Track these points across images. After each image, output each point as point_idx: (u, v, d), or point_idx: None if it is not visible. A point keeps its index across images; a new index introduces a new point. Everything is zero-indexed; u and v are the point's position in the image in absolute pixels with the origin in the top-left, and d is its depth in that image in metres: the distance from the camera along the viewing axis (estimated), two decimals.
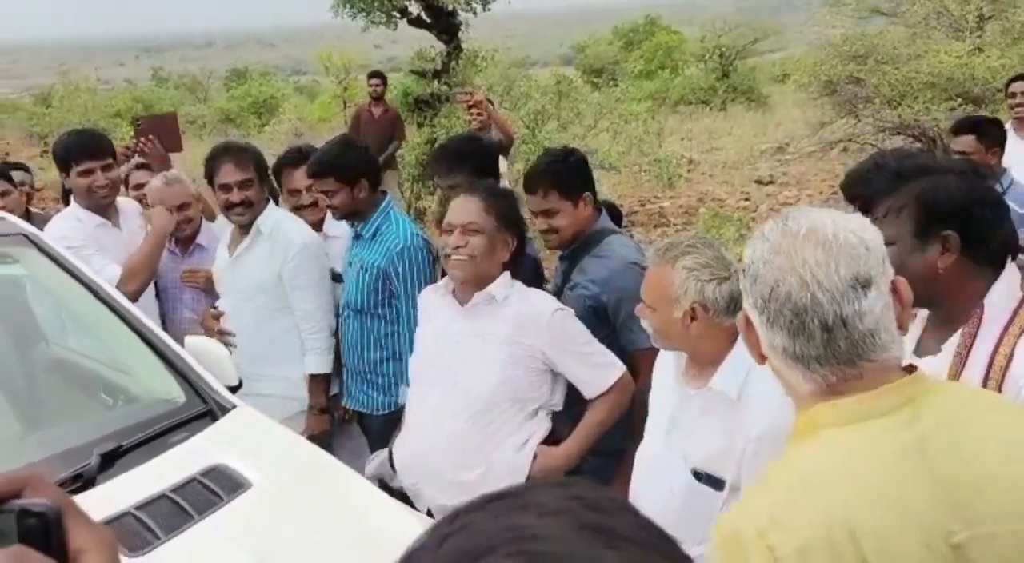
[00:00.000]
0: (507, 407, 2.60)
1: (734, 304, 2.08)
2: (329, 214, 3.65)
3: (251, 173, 3.44)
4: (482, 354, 2.60)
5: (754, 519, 1.16)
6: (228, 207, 3.43)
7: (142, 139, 4.13)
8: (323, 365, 3.48)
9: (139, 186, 4.52)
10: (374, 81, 10.07)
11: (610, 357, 2.65)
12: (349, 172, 3.31)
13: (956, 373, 1.77)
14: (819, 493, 1.16)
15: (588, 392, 2.65)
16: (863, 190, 2.45)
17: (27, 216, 4.05)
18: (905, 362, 1.29)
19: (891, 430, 1.19)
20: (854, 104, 11.05)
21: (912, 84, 10.00)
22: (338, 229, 3.64)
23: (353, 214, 3.35)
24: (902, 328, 1.26)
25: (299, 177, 3.66)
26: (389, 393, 3.36)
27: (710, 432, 2.14)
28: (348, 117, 12.10)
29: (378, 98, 9.99)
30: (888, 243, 1.73)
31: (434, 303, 2.79)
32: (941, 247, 1.75)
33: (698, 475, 2.15)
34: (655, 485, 2.29)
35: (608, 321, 2.91)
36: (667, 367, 2.36)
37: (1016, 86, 5.35)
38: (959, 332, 1.80)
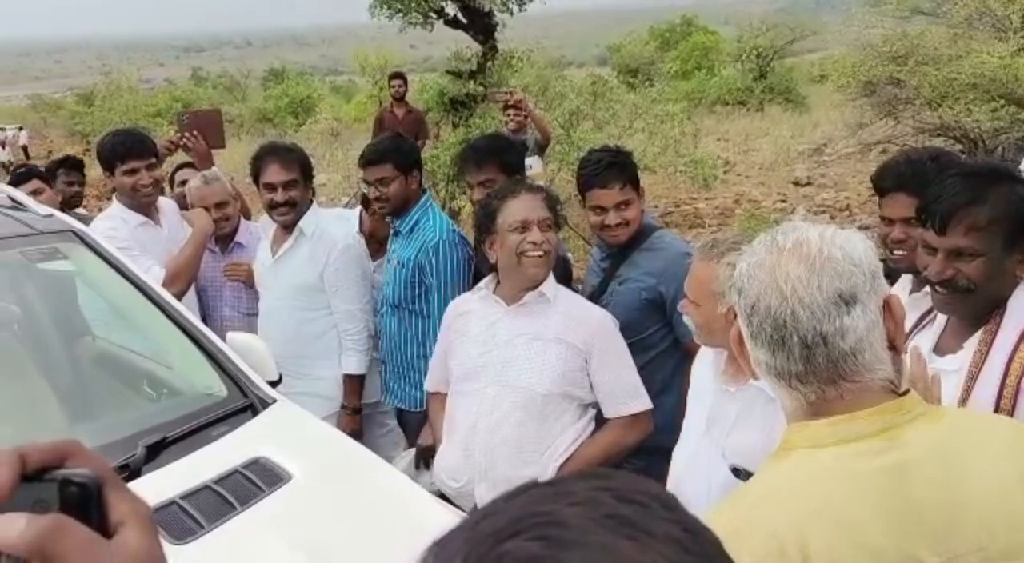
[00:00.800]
0: (561, 403, 2.62)
1: None
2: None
3: (296, 174, 3.47)
4: (536, 352, 2.62)
5: (718, 527, 1.16)
6: (272, 207, 3.46)
7: (186, 134, 4.19)
8: (360, 366, 3.52)
9: (184, 182, 4.61)
10: (396, 82, 10.13)
11: (643, 389, 2.67)
12: (406, 160, 3.36)
13: (976, 370, 1.79)
14: (777, 510, 1.17)
15: (610, 409, 2.66)
16: (890, 182, 2.48)
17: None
18: (904, 383, 1.26)
19: (862, 455, 1.17)
20: (894, 105, 10.93)
21: (954, 85, 9.88)
22: None
23: (403, 206, 3.37)
24: (895, 348, 1.23)
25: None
26: (423, 389, 3.39)
27: (749, 429, 2.16)
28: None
29: (400, 99, 10.04)
30: (973, 255, 1.76)
31: (472, 307, 2.78)
32: (1021, 255, 1.78)
33: (736, 471, 2.17)
34: (693, 480, 2.31)
35: (663, 313, 2.93)
36: (706, 364, 2.38)
37: None
38: (980, 330, 1.81)
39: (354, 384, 3.53)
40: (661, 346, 2.98)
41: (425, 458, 3.32)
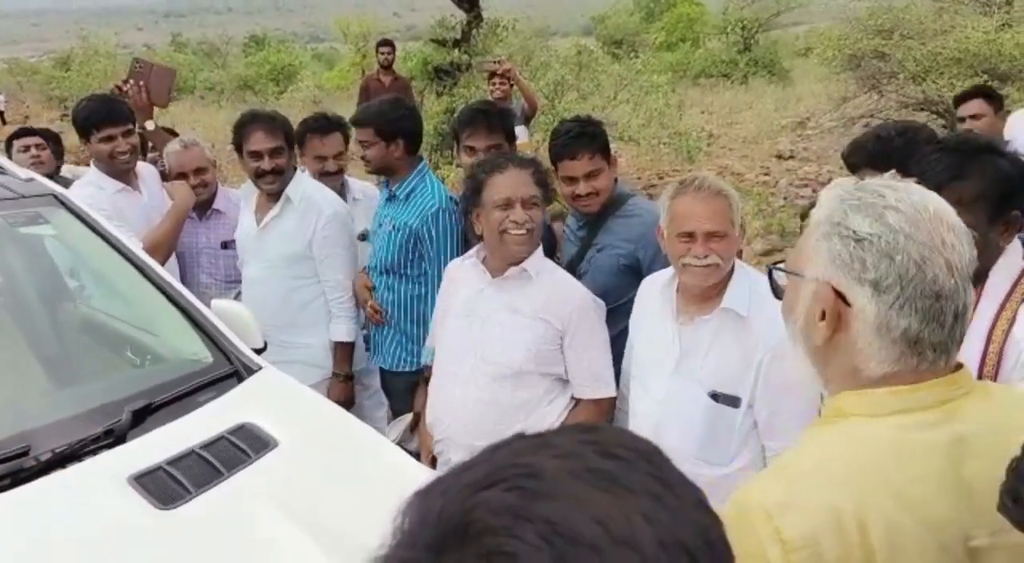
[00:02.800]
0: (537, 379, 2.65)
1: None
2: (348, 181, 3.70)
3: (281, 141, 3.45)
4: (511, 327, 2.64)
5: (764, 500, 1.13)
6: (258, 175, 3.44)
7: (131, 83, 4.13)
8: (350, 333, 3.52)
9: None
10: (384, 49, 10.03)
11: (608, 375, 2.69)
12: (389, 127, 3.34)
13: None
14: (834, 481, 1.13)
15: (578, 390, 2.69)
16: (860, 159, 2.51)
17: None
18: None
19: (921, 428, 1.16)
20: (878, 79, 10.95)
21: (938, 60, 9.90)
22: (361, 193, 3.68)
23: (384, 170, 3.38)
24: None
25: (325, 144, 3.68)
26: (413, 353, 3.40)
27: (725, 352, 2.29)
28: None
29: (388, 66, 9.96)
30: None
31: (463, 273, 2.81)
32: (1003, 227, 1.79)
33: (715, 396, 2.29)
34: (673, 418, 2.38)
35: (640, 278, 2.96)
36: (652, 302, 2.49)
37: None
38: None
39: (345, 351, 3.53)
40: None
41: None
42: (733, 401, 2.27)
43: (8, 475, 1.92)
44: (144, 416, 2.21)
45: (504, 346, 2.64)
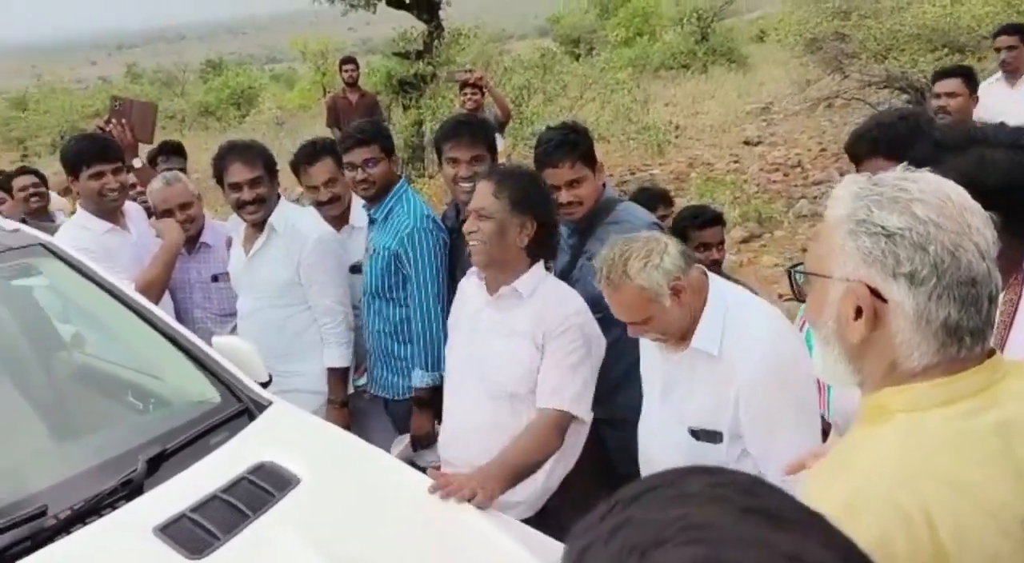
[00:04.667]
0: (532, 399, 2.59)
1: (685, 255, 2.21)
2: (354, 205, 3.64)
3: (260, 170, 3.41)
4: (506, 348, 2.60)
5: (829, 506, 1.13)
6: (240, 206, 3.40)
7: (114, 121, 4.08)
8: (342, 358, 3.49)
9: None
10: (348, 67, 9.97)
11: (566, 392, 2.53)
12: (389, 142, 3.35)
13: (1002, 336, 1.80)
14: (894, 479, 1.13)
15: (538, 397, 2.57)
16: (865, 149, 2.50)
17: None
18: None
19: (969, 416, 1.16)
20: (840, 60, 11.05)
21: (898, 37, 10.01)
22: (362, 219, 3.62)
23: (385, 189, 3.33)
24: None
25: (316, 172, 3.60)
26: (408, 377, 3.37)
27: (700, 390, 2.25)
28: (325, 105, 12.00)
29: (353, 84, 9.91)
30: None
31: (470, 290, 2.79)
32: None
33: (695, 434, 2.26)
34: (658, 450, 2.40)
35: None
36: (649, 342, 2.44)
37: (1003, 40, 5.46)
38: (1000, 299, 1.82)
39: (338, 377, 3.49)
40: None
41: (422, 443, 3.33)
42: (713, 437, 2.25)
43: (28, 538, 1.87)
44: (159, 463, 2.17)
45: (500, 367, 2.61)
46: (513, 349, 2.59)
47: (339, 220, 3.65)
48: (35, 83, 30.10)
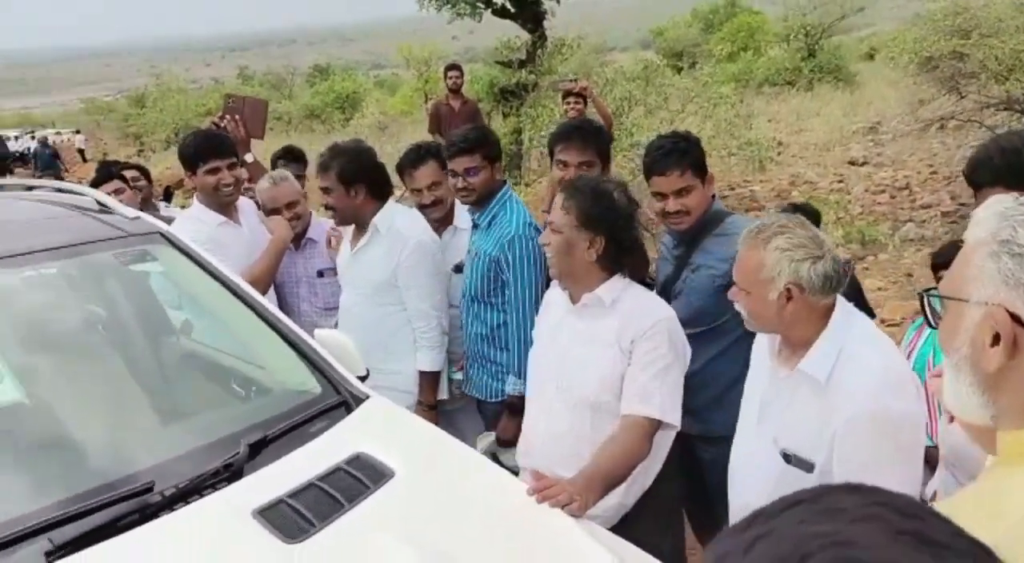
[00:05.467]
0: (612, 408, 2.54)
1: (829, 283, 2.07)
2: (458, 207, 3.68)
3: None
4: (587, 356, 2.57)
5: None
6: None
7: (228, 117, 4.21)
8: (434, 362, 3.52)
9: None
10: (453, 73, 10.03)
11: (666, 399, 2.48)
12: (493, 150, 3.37)
13: None
14: None
15: (623, 404, 2.52)
16: (986, 176, 2.38)
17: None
18: None
19: None
20: (956, 80, 10.63)
21: (1021, 58, 9.57)
22: (466, 221, 3.66)
23: (487, 197, 3.36)
24: None
25: (420, 176, 3.63)
26: (502, 380, 3.39)
27: (800, 415, 2.13)
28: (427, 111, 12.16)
29: (456, 90, 9.99)
30: None
31: (554, 299, 2.78)
32: None
33: (787, 457, 2.15)
34: (748, 468, 2.31)
35: None
36: (762, 350, 2.35)
37: None
38: None
39: (429, 380, 3.53)
40: (737, 332, 2.91)
41: (507, 445, 3.35)
42: (806, 465, 2.11)
43: (136, 511, 1.94)
44: (260, 449, 2.22)
45: (580, 375, 2.58)
46: (596, 357, 2.55)
47: (443, 222, 3.70)
48: (153, 82, 31.47)
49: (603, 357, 2.54)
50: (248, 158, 4.36)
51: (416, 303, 3.48)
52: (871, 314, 2.64)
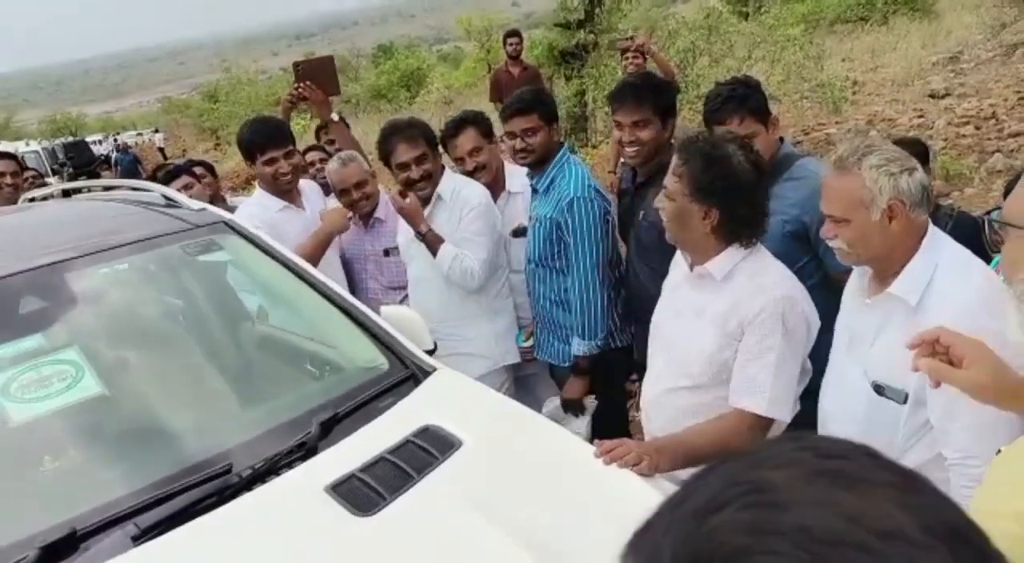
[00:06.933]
0: (714, 389, 2.42)
1: (926, 194, 2.00)
2: (510, 172, 3.68)
3: (424, 147, 3.51)
4: (694, 330, 2.43)
5: None
6: (409, 184, 3.50)
7: (301, 85, 4.27)
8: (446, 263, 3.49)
9: (313, 163, 4.74)
10: (512, 40, 9.93)
11: (762, 387, 2.31)
12: (550, 109, 3.35)
13: None
14: None
15: (730, 396, 2.38)
16: None
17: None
18: None
19: None
20: None
21: None
22: (519, 185, 3.66)
23: (545, 158, 3.34)
24: None
25: (461, 144, 3.67)
26: (570, 343, 3.38)
27: (890, 341, 2.03)
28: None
29: (516, 57, 9.89)
30: None
31: (679, 259, 2.63)
32: None
33: (879, 389, 2.07)
34: (840, 401, 2.23)
35: (809, 245, 2.81)
36: (852, 288, 2.27)
37: None
38: None
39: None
40: (811, 280, 2.80)
41: (572, 409, 3.34)
42: (898, 395, 2.02)
43: (216, 493, 2.01)
44: (331, 426, 2.27)
45: (684, 348, 2.47)
46: (699, 333, 2.41)
47: (494, 188, 3.69)
48: (224, 76, 32.14)
49: (707, 335, 2.39)
50: (334, 116, 4.42)
51: (477, 253, 3.47)
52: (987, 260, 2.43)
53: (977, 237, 2.80)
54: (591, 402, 3.37)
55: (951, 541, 0.52)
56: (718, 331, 2.37)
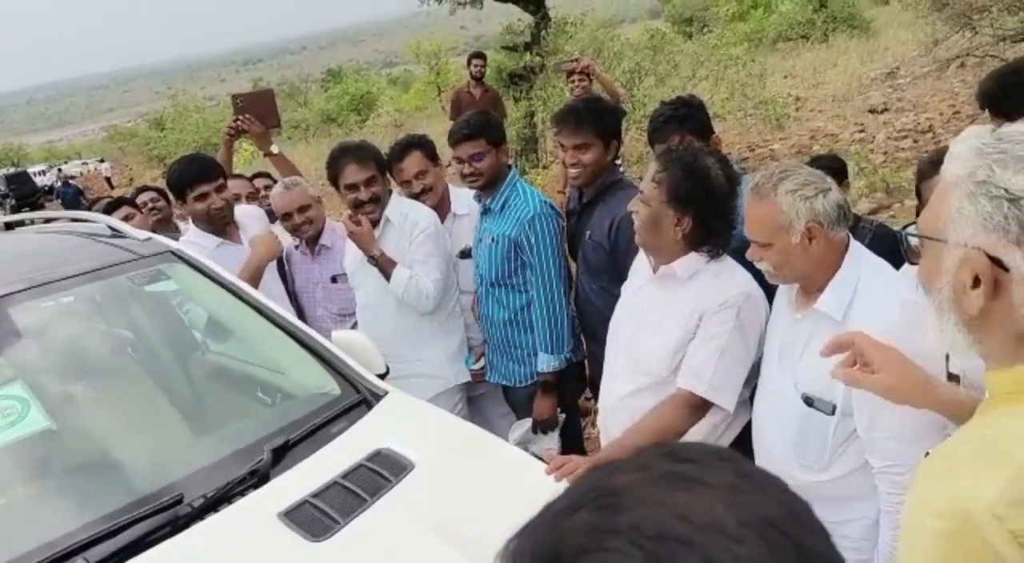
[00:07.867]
0: (674, 381, 2.47)
1: (843, 212, 2.08)
2: (454, 194, 3.71)
3: (373, 170, 3.52)
4: (657, 329, 2.50)
5: (986, 500, 1.00)
6: (357, 206, 3.50)
7: (241, 118, 4.25)
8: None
9: (252, 194, 4.68)
10: (477, 61, 9.93)
11: (718, 377, 2.39)
12: (496, 134, 3.38)
13: None
14: None
15: (678, 377, 2.46)
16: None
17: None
18: None
19: None
20: (969, 16, 10.42)
21: None
22: (465, 207, 3.69)
23: (494, 180, 3.38)
24: None
25: (407, 168, 3.68)
26: (528, 364, 3.41)
27: (817, 356, 2.05)
28: (445, 101, 12.14)
29: (480, 78, 9.93)
30: None
31: (640, 264, 2.70)
32: None
33: (808, 400, 2.15)
34: (772, 412, 2.30)
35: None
36: (780, 302, 2.35)
37: None
38: None
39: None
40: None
41: (544, 427, 3.37)
42: (826, 406, 2.10)
43: (167, 524, 2.00)
44: (284, 453, 2.27)
45: (647, 344, 2.53)
46: (665, 329, 2.49)
47: (440, 210, 3.72)
48: (171, 104, 31.81)
49: (670, 331, 2.48)
50: (273, 150, 4.41)
51: (432, 273, 3.48)
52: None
53: (896, 249, 2.87)
54: (559, 416, 3.41)
55: (766, 532, 0.58)
56: (680, 327, 2.45)
